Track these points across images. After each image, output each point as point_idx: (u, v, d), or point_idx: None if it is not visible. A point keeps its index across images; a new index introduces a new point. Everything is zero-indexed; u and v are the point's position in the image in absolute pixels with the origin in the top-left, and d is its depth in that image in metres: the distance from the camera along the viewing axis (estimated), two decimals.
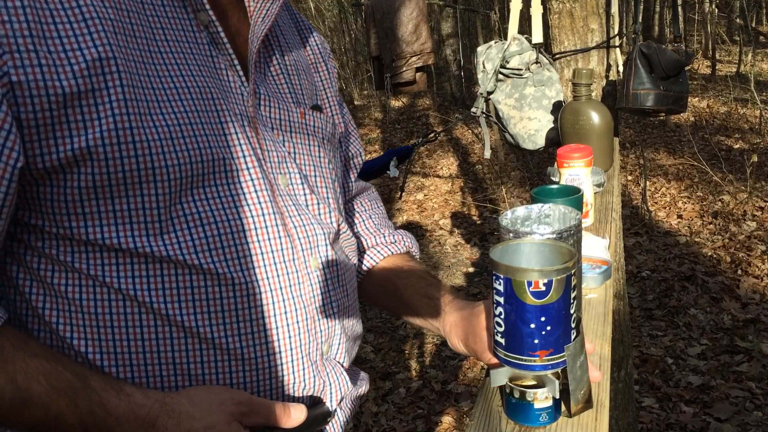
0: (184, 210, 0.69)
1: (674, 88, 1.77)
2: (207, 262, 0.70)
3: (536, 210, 0.89)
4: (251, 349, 0.73)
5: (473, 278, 4.24)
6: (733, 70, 9.84)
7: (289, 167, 0.79)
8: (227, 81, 0.75)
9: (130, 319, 0.69)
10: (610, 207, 1.49)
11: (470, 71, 9.63)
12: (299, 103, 0.85)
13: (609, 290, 1.09)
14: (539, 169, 5.86)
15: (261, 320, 0.73)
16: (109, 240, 0.67)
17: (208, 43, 0.75)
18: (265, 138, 0.77)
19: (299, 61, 0.90)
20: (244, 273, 0.72)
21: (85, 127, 0.64)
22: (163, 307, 0.69)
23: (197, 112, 0.71)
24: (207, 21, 0.74)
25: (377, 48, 3.27)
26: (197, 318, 0.70)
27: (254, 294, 0.72)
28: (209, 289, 0.70)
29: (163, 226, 0.68)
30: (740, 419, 2.52)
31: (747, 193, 4.72)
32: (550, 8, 2.03)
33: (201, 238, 0.70)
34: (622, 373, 2.19)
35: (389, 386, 3.10)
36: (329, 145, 0.89)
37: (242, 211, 0.72)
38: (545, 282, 0.65)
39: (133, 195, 0.67)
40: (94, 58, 0.64)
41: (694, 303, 3.46)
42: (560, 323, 0.67)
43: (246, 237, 0.72)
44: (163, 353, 0.70)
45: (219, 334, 0.71)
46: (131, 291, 0.68)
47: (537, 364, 0.68)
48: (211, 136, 0.71)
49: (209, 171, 0.70)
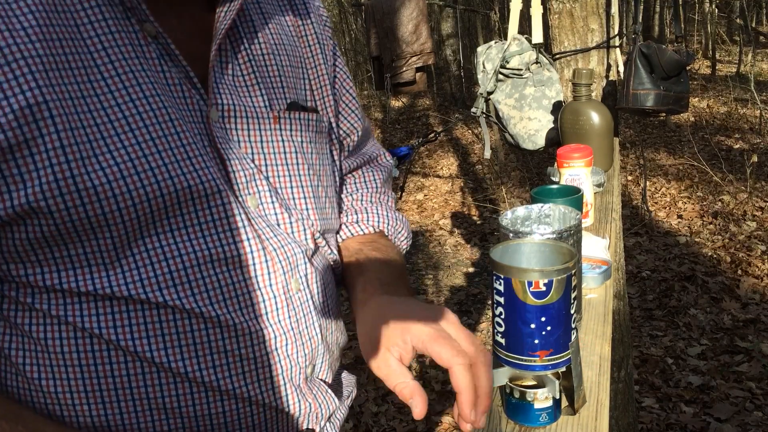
0: (146, 246, 0.65)
1: (675, 88, 1.77)
2: (173, 299, 0.66)
3: (536, 210, 0.89)
4: (228, 381, 0.69)
5: (473, 278, 4.24)
6: (733, 70, 9.84)
7: (258, 185, 0.73)
8: (183, 98, 0.68)
9: (98, 357, 0.65)
10: (610, 207, 1.49)
11: (470, 71, 9.63)
12: (273, 106, 0.77)
13: (609, 290, 1.09)
14: (539, 169, 5.86)
15: (236, 351, 0.69)
16: (67, 284, 0.63)
17: (159, 56, 0.67)
18: (229, 158, 0.70)
19: (286, 52, 0.81)
20: (214, 306, 0.67)
21: (23, 181, 0.58)
22: (131, 344, 0.65)
23: (152, 140, 0.64)
24: (154, 32, 0.66)
25: (377, 48, 3.27)
26: (168, 353, 0.66)
27: (227, 326, 0.68)
28: (179, 323, 0.67)
29: (124, 265, 0.64)
30: (740, 419, 2.52)
31: (747, 193, 4.72)
32: (550, 8, 2.03)
33: (165, 273, 0.65)
34: (622, 373, 2.19)
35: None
36: (312, 147, 0.81)
37: (211, 240, 0.67)
38: (545, 282, 0.65)
39: (87, 240, 0.62)
40: (22, 106, 0.57)
41: (694, 303, 3.46)
42: (560, 323, 0.67)
43: (215, 268, 0.68)
44: (136, 389, 0.67)
45: (192, 368, 0.67)
46: (96, 330, 0.64)
47: (537, 364, 0.68)
48: (171, 164, 0.64)
49: (171, 204, 0.65)
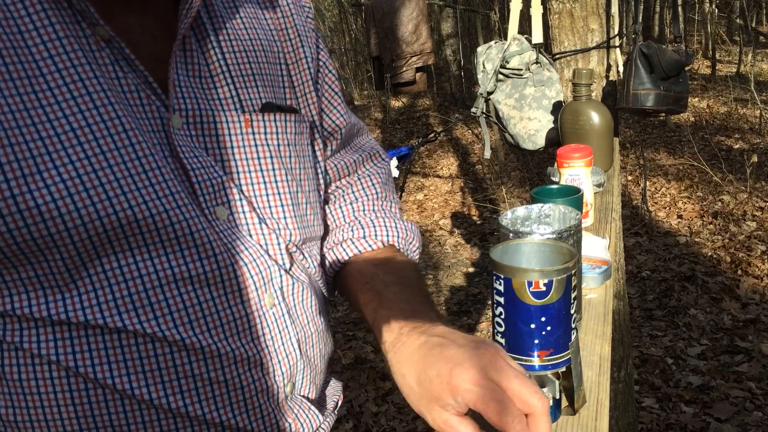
0: (103, 267, 0.61)
1: (674, 88, 1.77)
2: (132, 323, 0.62)
3: (536, 210, 0.89)
4: (198, 406, 0.65)
5: (473, 278, 4.24)
6: (733, 70, 9.84)
7: (228, 194, 0.68)
8: (140, 105, 0.64)
9: (58, 384, 0.62)
10: (610, 207, 1.49)
11: (470, 71, 9.63)
12: (245, 108, 0.72)
13: (609, 290, 1.09)
14: (539, 169, 5.86)
15: (205, 375, 0.65)
16: (20, 310, 0.60)
17: (112, 62, 0.62)
18: (193, 167, 0.66)
19: (256, 42, 0.75)
20: (179, 329, 0.63)
21: None
22: (91, 370, 0.61)
23: (103, 154, 0.59)
24: (107, 36, 0.62)
25: (377, 48, 3.27)
26: (131, 379, 0.63)
27: (194, 349, 0.64)
28: (140, 348, 0.63)
29: (80, 287, 0.60)
30: (740, 419, 2.52)
31: (747, 193, 4.72)
32: (550, 8, 2.03)
33: (124, 296, 0.61)
34: (622, 373, 2.19)
35: (389, 386, 3.09)
36: (290, 150, 0.75)
37: (174, 259, 0.63)
38: (545, 282, 0.65)
39: (37, 263, 0.58)
40: None
41: (694, 303, 3.46)
42: (560, 323, 0.67)
43: (179, 288, 0.63)
44: (98, 416, 0.63)
45: (158, 394, 0.64)
46: (53, 356, 0.61)
47: (537, 364, 0.68)
48: (125, 179, 0.60)
49: (128, 222, 0.60)
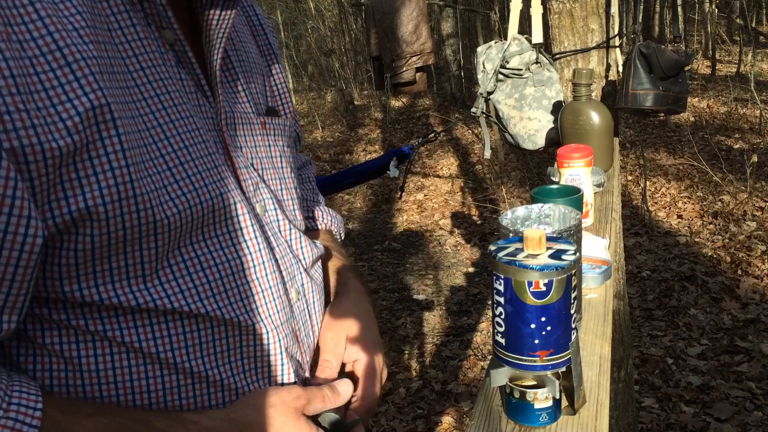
0: (183, 256, 0.65)
1: (673, 88, 1.77)
2: (213, 308, 0.67)
3: (536, 210, 0.89)
4: (257, 386, 0.72)
5: (473, 278, 4.24)
6: (733, 70, 9.84)
7: (262, 193, 0.75)
8: (198, 105, 0.69)
9: (135, 372, 0.65)
10: (610, 207, 1.49)
11: (470, 71, 9.63)
12: (258, 111, 0.79)
13: (609, 290, 1.09)
14: (539, 169, 5.86)
15: (266, 358, 0.72)
16: (108, 300, 0.62)
17: (176, 63, 0.67)
18: (239, 165, 0.72)
19: (253, 59, 0.83)
20: (249, 315, 0.70)
21: (81, 186, 0.56)
22: (170, 355, 0.65)
23: (186, 148, 0.65)
24: (173, 39, 0.66)
25: (377, 48, 3.27)
26: (205, 362, 0.68)
27: (259, 334, 0.71)
28: (215, 332, 0.68)
29: (161, 277, 0.64)
30: (740, 419, 2.52)
31: (747, 193, 4.72)
32: (550, 8, 2.03)
33: (204, 283, 0.66)
34: (622, 373, 2.19)
35: (389, 386, 3.10)
36: (289, 150, 0.83)
37: (240, 249, 0.69)
38: (546, 282, 0.65)
39: (131, 251, 0.61)
40: (86, 108, 0.56)
41: (694, 303, 3.46)
42: (561, 323, 0.67)
43: (246, 276, 0.70)
44: (170, 402, 0.67)
45: (226, 375, 0.69)
46: (136, 343, 0.64)
47: (537, 364, 0.68)
48: (204, 173, 0.66)
49: (207, 212, 0.66)
